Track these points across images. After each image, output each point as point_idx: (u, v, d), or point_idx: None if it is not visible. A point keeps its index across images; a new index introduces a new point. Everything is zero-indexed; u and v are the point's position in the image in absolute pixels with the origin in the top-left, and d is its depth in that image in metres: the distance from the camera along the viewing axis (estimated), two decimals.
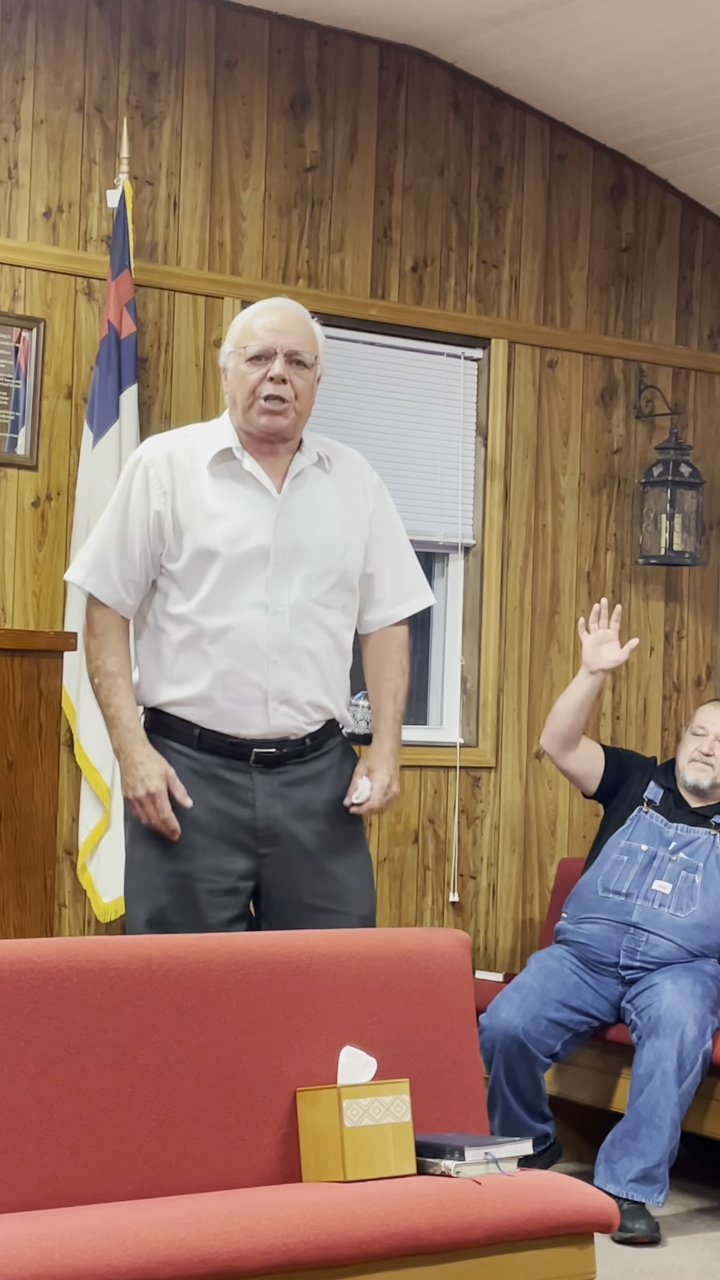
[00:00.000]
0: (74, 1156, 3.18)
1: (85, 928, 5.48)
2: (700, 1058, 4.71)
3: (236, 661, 3.92)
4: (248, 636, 3.92)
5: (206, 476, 3.99)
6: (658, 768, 5.35)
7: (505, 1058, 4.82)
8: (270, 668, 3.93)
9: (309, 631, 3.97)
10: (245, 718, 3.94)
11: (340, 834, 4.03)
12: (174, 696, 3.98)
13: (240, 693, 3.93)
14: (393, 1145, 3.36)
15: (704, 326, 6.69)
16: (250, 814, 3.95)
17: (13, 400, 5.43)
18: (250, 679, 3.93)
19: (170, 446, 4.05)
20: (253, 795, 3.95)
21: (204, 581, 3.94)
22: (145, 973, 3.33)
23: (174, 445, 4.05)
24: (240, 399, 3.99)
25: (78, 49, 5.54)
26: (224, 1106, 3.36)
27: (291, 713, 3.96)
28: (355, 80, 5.99)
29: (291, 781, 3.97)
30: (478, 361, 6.26)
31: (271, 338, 3.96)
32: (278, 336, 3.96)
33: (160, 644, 4.00)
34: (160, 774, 3.90)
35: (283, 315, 4.00)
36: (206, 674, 3.94)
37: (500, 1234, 3.25)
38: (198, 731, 3.97)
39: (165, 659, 3.98)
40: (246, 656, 3.92)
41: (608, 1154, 4.67)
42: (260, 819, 3.95)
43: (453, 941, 3.78)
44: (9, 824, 4.04)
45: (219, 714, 3.95)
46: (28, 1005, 3.20)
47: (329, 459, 4.11)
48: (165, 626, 3.99)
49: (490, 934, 6.22)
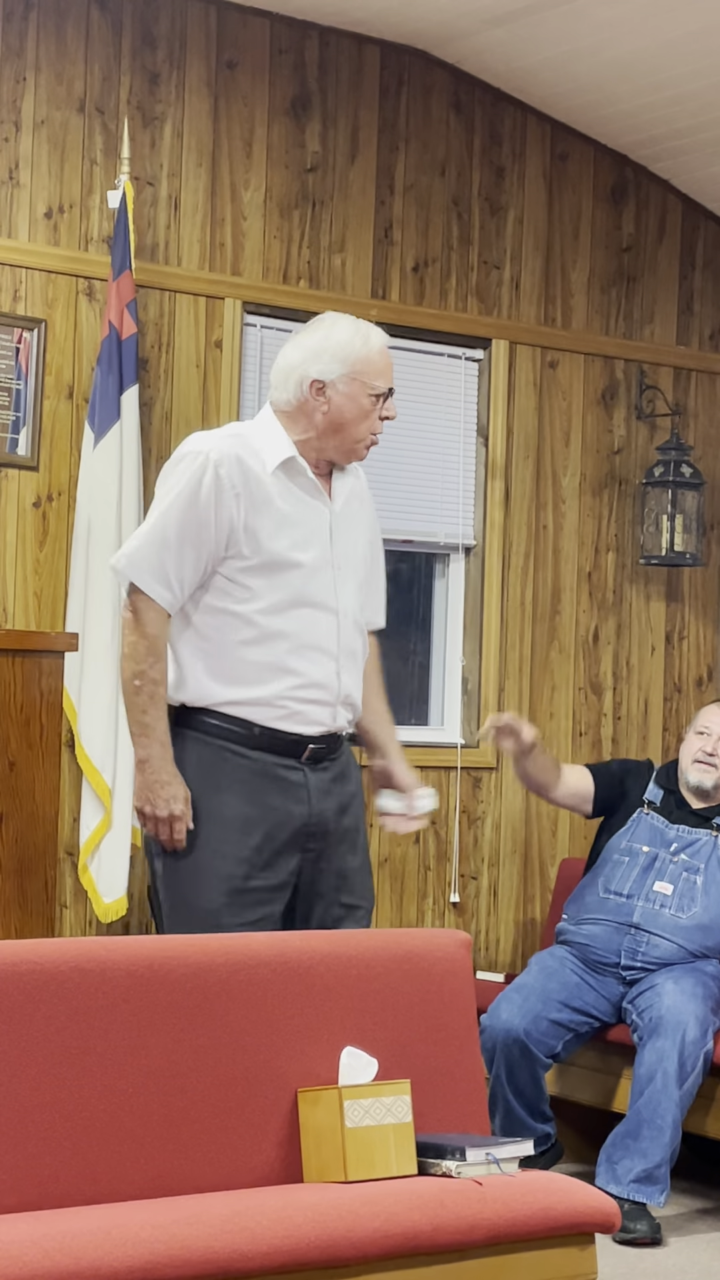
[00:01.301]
0: (75, 1157, 3.18)
1: (86, 928, 5.48)
2: (701, 1058, 4.71)
3: (308, 665, 3.95)
4: (318, 641, 3.96)
5: (273, 482, 3.96)
6: (659, 769, 5.34)
7: (506, 1058, 4.82)
8: (341, 672, 3.99)
9: (355, 634, 4.06)
10: (314, 717, 3.96)
11: (356, 827, 4.10)
12: (235, 696, 3.94)
13: (311, 694, 3.96)
14: (394, 1146, 3.36)
15: (705, 327, 6.69)
16: (305, 810, 3.96)
17: (14, 401, 5.43)
18: (321, 681, 3.96)
19: (235, 448, 3.95)
20: (306, 792, 3.97)
21: (274, 585, 3.94)
22: (146, 973, 3.33)
23: (238, 447, 3.96)
24: (353, 431, 3.99)
25: (79, 49, 5.54)
26: (225, 1107, 3.36)
27: (347, 713, 4.04)
28: (356, 81, 5.99)
29: (334, 777, 4.03)
30: (479, 362, 6.26)
31: (391, 378, 4.02)
32: (391, 373, 4.03)
33: (218, 644, 3.95)
34: (184, 798, 3.88)
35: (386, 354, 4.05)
36: (278, 676, 3.94)
37: (501, 1234, 3.26)
38: (257, 730, 3.95)
39: (225, 659, 3.94)
40: (318, 660, 3.96)
41: (609, 1154, 4.67)
42: (314, 815, 3.97)
43: (454, 942, 3.78)
44: (10, 824, 4.04)
45: (288, 714, 3.95)
46: (29, 1006, 3.20)
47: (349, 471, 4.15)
48: (224, 626, 3.94)
49: (491, 934, 6.22)
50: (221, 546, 3.91)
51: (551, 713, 6.34)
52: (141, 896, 5.55)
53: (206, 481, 3.90)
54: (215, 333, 5.76)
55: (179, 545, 3.89)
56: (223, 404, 5.75)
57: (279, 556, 3.93)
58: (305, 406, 3.99)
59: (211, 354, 5.75)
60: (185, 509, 3.90)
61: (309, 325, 4.09)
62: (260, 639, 3.93)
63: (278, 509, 3.94)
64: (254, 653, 3.93)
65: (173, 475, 3.97)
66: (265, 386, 5.84)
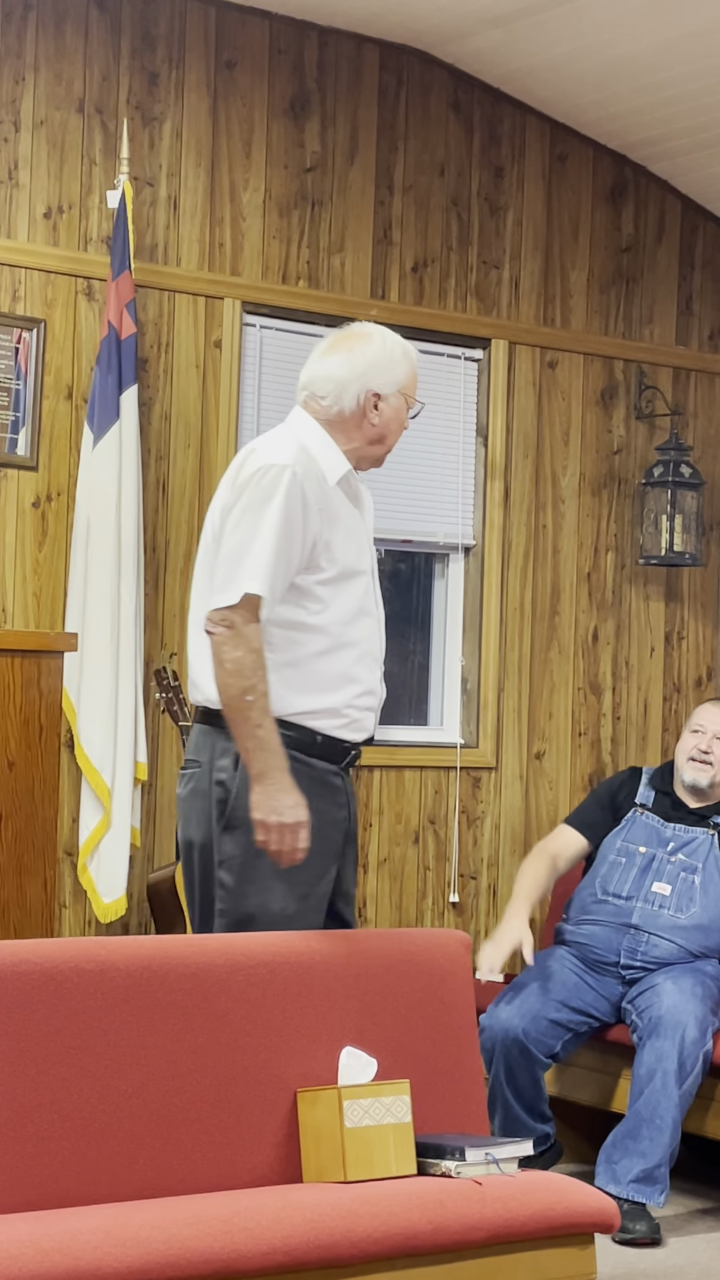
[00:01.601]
0: (74, 1157, 3.18)
1: (85, 928, 5.48)
2: (701, 1058, 4.71)
3: (365, 671, 4.03)
4: (374, 649, 4.05)
5: (335, 494, 4.03)
6: (653, 771, 5.34)
7: (505, 1058, 4.82)
8: (381, 677, 4.09)
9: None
10: (366, 725, 4.05)
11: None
12: (308, 706, 3.98)
13: (368, 702, 4.04)
14: (393, 1146, 3.36)
15: (704, 327, 6.69)
16: (345, 815, 4.03)
17: (13, 401, 5.43)
18: (373, 688, 4.05)
19: (306, 462, 3.99)
20: (345, 797, 4.04)
21: (342, 595, 4.00)
22: (145, 973, 3.33)
23: (305, 459, 3.99)
24: (391, 441, 4.11)
25: (78, 50, 5.54)
26: (224, 1107, 3.36)
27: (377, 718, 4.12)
28: (355, 81, 5.99)
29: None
30: (478, 362, 6.26)
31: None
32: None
33: (292, 656, 3.97)
34: (304, 804, 3.85)
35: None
36: (345, 684, 4.00)
37: (501, 1234, 3.26)
38: (320, 739, 3.98)
39: (302, 669, 3.97)
40: (372, 667, 4.05)
41: (608, 1154, 4.67)
42: (351, 819, 4.06)
43: (453, 942, 3.78)
44: (9, 824, 4.04)
45: (349, 723, 4.01)
46: (28, 1006, 3.20)
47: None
48: (300, 638, 3.97)
49: (490, 935, 6.21)
50: (304, 560, 3.95)
51: (550, 713, 6.34)
52: (141, 897, 5.55)
53: (294, 498, 3.91)
54: (214, 333, 5.76)
55: (287, 561, 3.91)
56: (222, 404, 5.75)
57: (349, 567, 4.00)
58: (358, 418, 4.04)
59: (211, 354, 5.75)
60: (281, 525, 3.90)
61: (352, 337, 4.11)
62: (333, 649, 3.98)
63: (344, 521, 4.01)
64: (327, 663, 3.97)
65: (257, 491, 3.93)
66: (265, 386, 5.85)
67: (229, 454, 5.76)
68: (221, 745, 3.93)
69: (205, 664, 3.95)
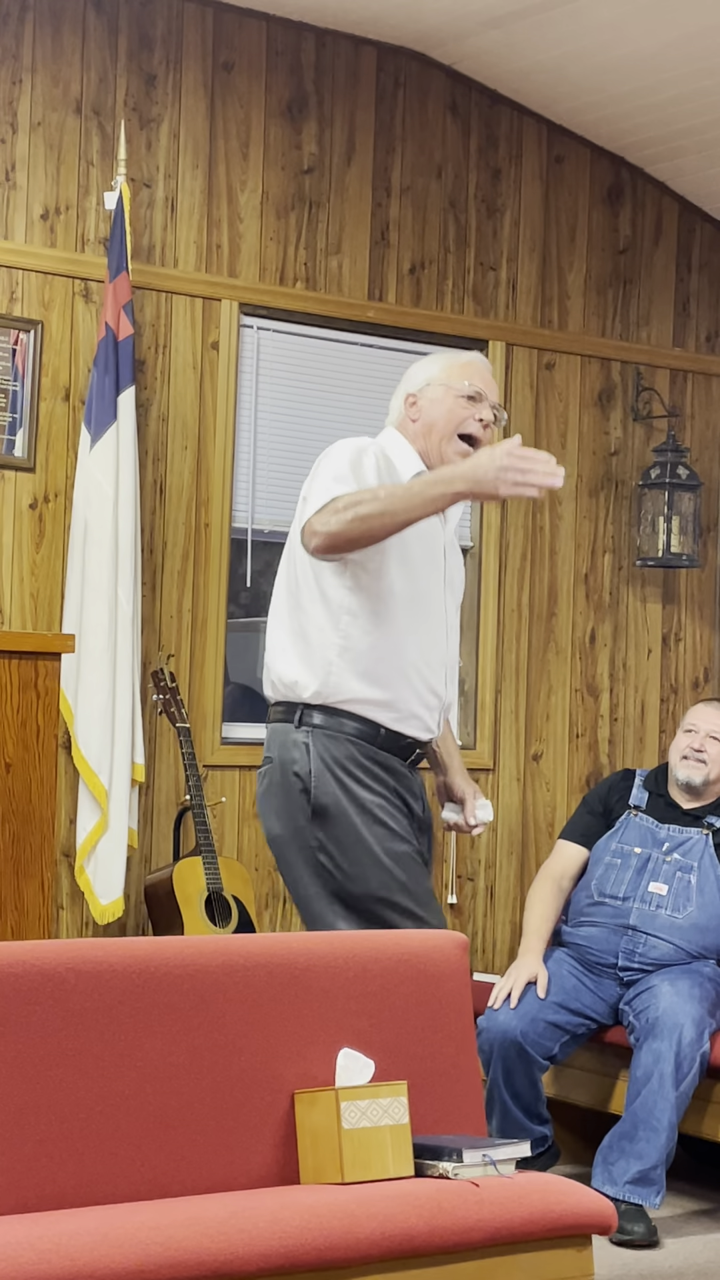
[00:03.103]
0: (71, 1159, 3.18)
1: (83, 929, 5.48)
2: (698, 1060, 4.71)
3: (429, 672, 4.12)
4: (437, 653, 4.14)
5: None
6: (647, 773, 5.34)
7: (503, 1060, 4.82)
8: (447, 680, 4.19)
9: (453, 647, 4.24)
10: (425, 723, 4.15)
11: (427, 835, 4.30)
12: (368, 695, 4.07)
13: (427, 700, 4.13)
14: (391, 1147, 3.36)
15: (701, 329, 6.69)
16: (420, 806, 4.21)
17: (10, 402, 5.43)
18: (435, 688, 4.15)
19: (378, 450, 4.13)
20: (416, 788, 4.20)
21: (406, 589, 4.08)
22: (143, 975, 3.33)
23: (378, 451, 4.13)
24: (442, 427, 4.17)
25: (75, 51, 5.54)
26: (222, 1108, 3.36)
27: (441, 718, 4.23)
28: (353, 82, 5.99)
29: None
30: None
31: (485, 385, 4.20)
32: (490, 388, 4.22)
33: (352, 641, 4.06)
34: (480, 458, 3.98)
35: (490, 371, 4.28)
36: (402, 681, 4.09)
37: (498, 1236, 3.25)
38: (383, 731, 4.10)
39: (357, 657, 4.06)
40: (436, 668, 4.14)
41: (605, 1155, 4.67)
42: (423, 811, 4.22)
43: (451, 943, 3.78)
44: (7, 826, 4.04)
45: (405, 717, 4.11)
46: (25, 1007, 3.20)
47: None
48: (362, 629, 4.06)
49: (488, 936, 6.22)
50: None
51: (548, 714, 6.34)
52: (138, 898, 5.55)
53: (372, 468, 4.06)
54: (212, 334, 5.76)
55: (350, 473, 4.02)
56: (219, 405, 5.75)
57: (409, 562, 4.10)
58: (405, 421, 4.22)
59: (208, 355, 5.75)
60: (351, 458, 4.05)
61: None
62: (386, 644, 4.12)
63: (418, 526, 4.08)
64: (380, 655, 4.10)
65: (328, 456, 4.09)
66: (262, 388, 5.85)
67: (226, 455, 5.76)
68: (291, 738, 4.08)
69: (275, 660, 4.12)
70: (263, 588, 6.02)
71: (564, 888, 5.21)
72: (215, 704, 5.75)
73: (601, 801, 5.30)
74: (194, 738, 5.60)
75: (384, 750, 4.10)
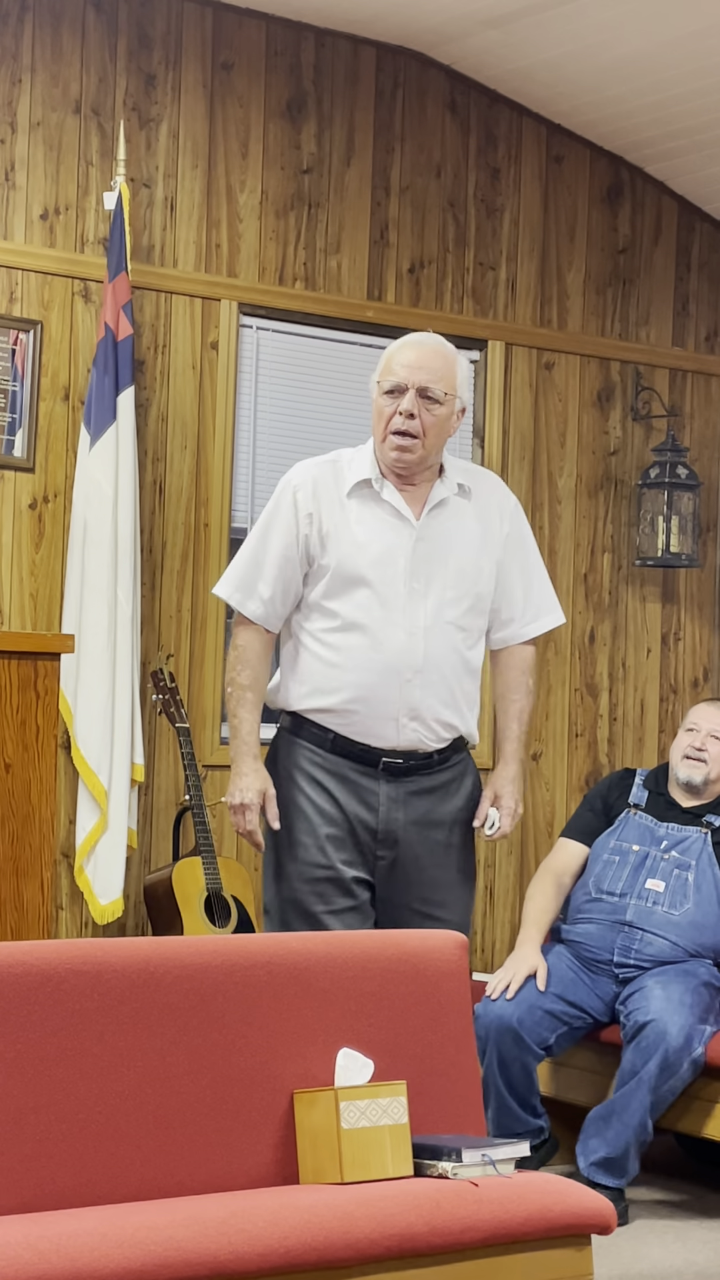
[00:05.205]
0: (71, 1159, 3.18)
1: (82, 930, 5.48)
2: (685, 1065, 4.72)
3: (375, 679, 4.12)
4: (385, 657, 4.12)
5: (351, 503, 4.17)
6: (647, 773, 5.34)
7: (499, 1047, 4.83)
8: (404, 686, 4.13)
9: (442, 653, 4.16)
10: (378, 731, 4.15)
11: (453, 844, 4.26)
12: (313, 704, 4.17)
13: (376, 708, 4.13)
14: (390, 1147, 3.36)
15: (701, 328, 6.69)
16: (374, 817, 4.16)
17: (10, 402, 5.43)
18: (386, 696, 4.13)
19: (316, 472, 4.20)
20: (378, 800, 4.16)
21: (346, 603, 4.13)
22: (142, 975, 3.33)
23: (320, 471, 4.20)
24: (376, 430, 4.18)
25: (75, 51, 5.54)
26: (221, 1108, 3.36)
27: (420, 729, 4.17)
28: (352, 82, 5.99)
29: (416, 791, 4.20)
30: (475, 363, 6.26)
31: (405, 374, 4.12)
32: (411, 373, 4.11)
33: (301, 655, 4.19)
34: (257, 790, 4.15)
35: (420, 351, 4.15)
36: (346, 689, 4.14)
37: (497, 1235, 3.26)
38: (331, 736, 4.17)
39: (305, 669, 4.18)
40: (384, 675, 4.12)
41: (585, 1130, 4.80)
42: (381, 823, 4.16)
43: (450, 943, 3.78)
44: (6, 826, 4.04)
45: (353, 725, 4.15)
46: (25, 1007, 3.20)
47: (469, 486, 4.26)
48: (306, 641, 4.18)
49: (488, 936, 6.22)
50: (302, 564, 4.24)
51: (547, 714, 6.34)
52: (138, 898, 5.55)
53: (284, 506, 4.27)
54: (211, 334, 5.76)
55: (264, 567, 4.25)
56: (219, 406, 5.75)
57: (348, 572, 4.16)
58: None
59: (208, 355, 5.75)
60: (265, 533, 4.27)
61: None
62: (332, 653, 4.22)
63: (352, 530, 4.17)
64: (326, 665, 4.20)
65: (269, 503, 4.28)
66: (262, 388, 5.85)
67: (226, 455, 5.76)
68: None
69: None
70: None
71: (564, 884, 5.21)
72: (215, 704, 5.75)
73: (602, 799, 5.31)
74: (193, 738, 5.60)
75: (340, 756, 4.16)
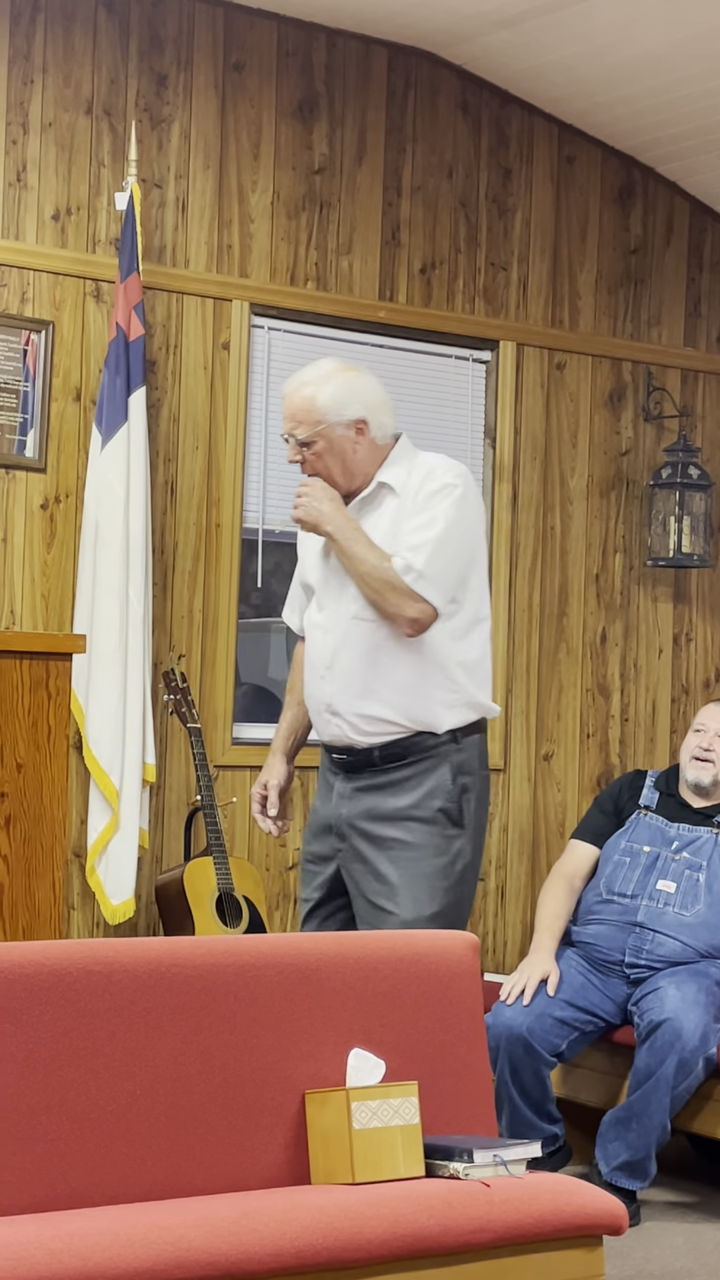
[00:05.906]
0: (82, 1158, 3.18)
1: (94, 930, 5.49)
2: (700, 1064, 4.72)
3: (309, 678, 4.34)
4: (312, 657, 4.33)
5: None
6: (658, 774, 5.34)
7: (510, 1056, 4.82)
8: (320, 682, 4.29)
9: (353, 647, 4.24)
10: (319, 727, 4.36)
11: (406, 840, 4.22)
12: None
13: (311, 706, 4.36)
14: (401, 1147, 3.36)
15: (712, 329, 6.69)
16: (331, 811, 4.32)
17: (21, 402, 5.44)
18: (313, 693, 4.33)
19: None
20: (332, 794, 4.33)
21: (309, 610, 4.39)
22: (153, 975, 3.33)
23: None
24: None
25: (86, 52, 5.54)
26: (232, 1109, 3.36)
27: (340, 723, 4.26)
28: (364, 82, 5.99)
29: (364, 788, 4.28)
30: (486, 363, 6.26)
31: (283, 425, 4.29)
32: (283, 423, 4.28)
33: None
34: (262, 782, 4.47)
35: (286, 399, 4.27)
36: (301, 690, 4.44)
37: (509, 1236, 3.25)
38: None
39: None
40: (311, 674, 4.33)
41: (603, 1134, 4.77)
42: (333, 817, 4.31)
43: (462, 943, 3.78)
44: (18, 826, 4.04)
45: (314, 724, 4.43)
46: (36, 1007, 3.20)
47: (394, 484, 4.25)
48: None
49: (499, 936, 6.21)
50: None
51: (559, 714, 6.34)
52: (149, 898, 5.55)
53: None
54: (223, 334, 5.76)
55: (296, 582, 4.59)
56: (230, 406, 5.75)
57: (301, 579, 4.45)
58: None
59: (219, 356, 5.75)
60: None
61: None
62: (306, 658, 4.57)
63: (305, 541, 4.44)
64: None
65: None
66: (273, 388, 5.85)
67: (237, 455, 5.76)
68: None
69: None
70: (273, 588, 6.02)
71: (576, 886, 5.21)
72: (226, 704, 5.75)
73: (613, 801, 5.30)
74: (205, 738, 5.60)
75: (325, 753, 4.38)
